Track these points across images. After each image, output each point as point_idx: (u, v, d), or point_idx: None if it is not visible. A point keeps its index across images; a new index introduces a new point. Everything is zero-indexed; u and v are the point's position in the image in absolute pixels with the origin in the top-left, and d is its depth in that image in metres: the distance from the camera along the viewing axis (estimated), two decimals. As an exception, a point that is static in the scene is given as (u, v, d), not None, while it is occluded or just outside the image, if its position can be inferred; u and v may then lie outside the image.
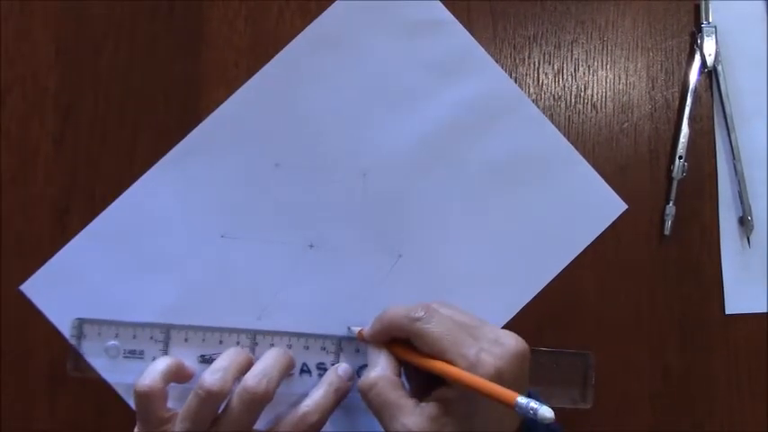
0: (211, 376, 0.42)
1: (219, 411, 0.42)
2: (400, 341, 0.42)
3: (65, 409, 0.48)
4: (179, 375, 0.45)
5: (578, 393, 0.47)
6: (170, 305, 0.47)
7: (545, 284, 0.48)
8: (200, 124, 0.48)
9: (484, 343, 0.39)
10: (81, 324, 0.46)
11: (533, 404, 0.35)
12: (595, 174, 0.49)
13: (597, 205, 0.49)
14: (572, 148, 0.49)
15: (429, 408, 0.39)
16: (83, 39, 0.48)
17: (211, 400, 0.41)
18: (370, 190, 0.48)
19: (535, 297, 0.48)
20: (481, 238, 0.48)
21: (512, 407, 0.36)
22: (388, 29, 0.49)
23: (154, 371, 0.43)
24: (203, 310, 0.47)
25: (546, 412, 0.35)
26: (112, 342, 0.46)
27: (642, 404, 0.49)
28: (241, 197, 0.48)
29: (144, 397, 0.42)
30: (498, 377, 0.38)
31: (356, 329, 0.45)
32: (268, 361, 0.43)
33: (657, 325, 0.49)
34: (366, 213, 0.48)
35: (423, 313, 0.41)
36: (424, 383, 0.41)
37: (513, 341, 0.39)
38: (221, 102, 0.48)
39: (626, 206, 0.49)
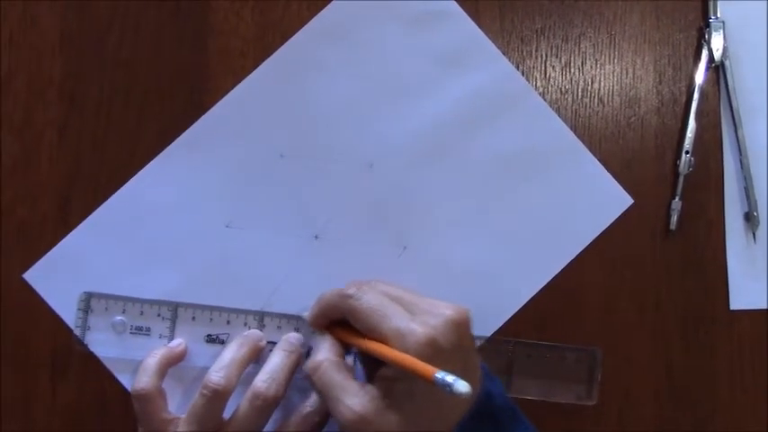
0: (216, 374, 0.41)
1: (229, 416, 0.42)
2: (341, 323, 0.42)
3: (66, 399, 0.47)
4: (172, 361, 0.45)
5: (584, 390, 0.47)
6: (173, 295, 0.46)
7: (550, 279, 0.48)
8: (206, 114, 0.48)
9: (418, 314, 0.39)
10: (89, 298, 0.46)
11: (449, 378, 0.34)
12: (602, 168, 0.49)
13: (603, 199, 0.49)
14: (578, 141, 0.49)
15: (374, 388, 0.39)
16: (88, 27, 0.48)
17: (218, 399, 0.41)
18: (375, 181, 0.48)
19: (539, 291, 0.48)
20: (486, 230, 0.48)
21: (431, 382, 0.35)
22: (396, 20, 0.48)
23: (147, 369, 0.43)
24: (207, 300, 0.46)
25: (461, 387, 0.34)
26: (119, 317, 0.46)
27: (646, 399, 0.49)
28: (246, 187, 0.48)
29: (142, 399, 0.42)
30: (431, 346, 0.37)
31: (306, 314, 0.45)
32: (276, 361, 0.43)
33: (662, 320, 0.49)
34: (371, 205, 0.48)
35: (354, 290, 0.41)
36: (375, 365, 0.41)
37: (448, 310, 0.39)
38: (227, 91, 0.48)
39: (632, 201, 0.49)
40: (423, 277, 0.47)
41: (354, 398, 0.38)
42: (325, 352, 0.41)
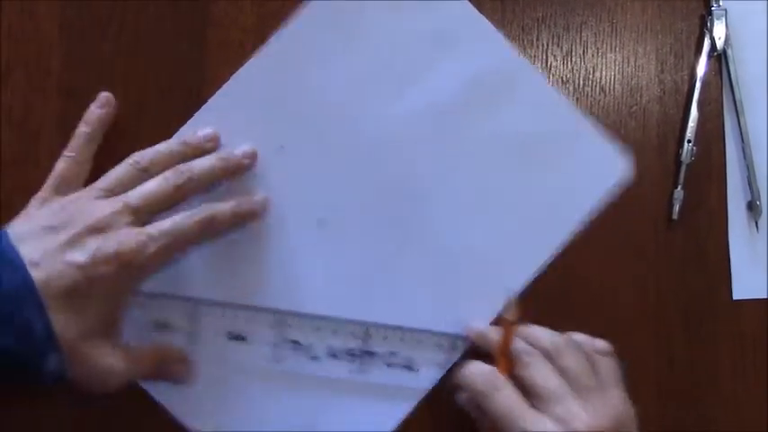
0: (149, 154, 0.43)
1: None
2: None
3: (66, 391, 0.47)
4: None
5: None
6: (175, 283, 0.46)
7: (553, 252, 0.48)
8: (205, 104, 0.47)
9: (548, 424, 0.40)
10: None
11: None
12: (599, 134, 0.48)
13: (600, 165, 0.48)
14: (574, 109, 0.48)
15: None
16: (87, 19, 0.48)
17: (140, 167, 0.42)
18: (376, 168, 0.48)
19: (539, 282, 0.48)
20: (490, 212, 0.48)
21: None
22: (394, 5, 0.48)
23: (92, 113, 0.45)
24: (207, 293, 0.46)
25: None
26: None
27: (648, 390, 0.49)
28: (248, 177, 0.47)
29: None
30: None
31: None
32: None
33: (664, 310, 0.49)
34: (374, 191, 0.48)
35: (486, 387, 0.41)
36: None
37: (581, 423, 0.40)
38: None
39: (631, 165, 0.48)
40: (427, 262, 0.47)
41: None
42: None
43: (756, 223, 0.50)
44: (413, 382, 0.46)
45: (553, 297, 0.48)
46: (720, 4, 0.49)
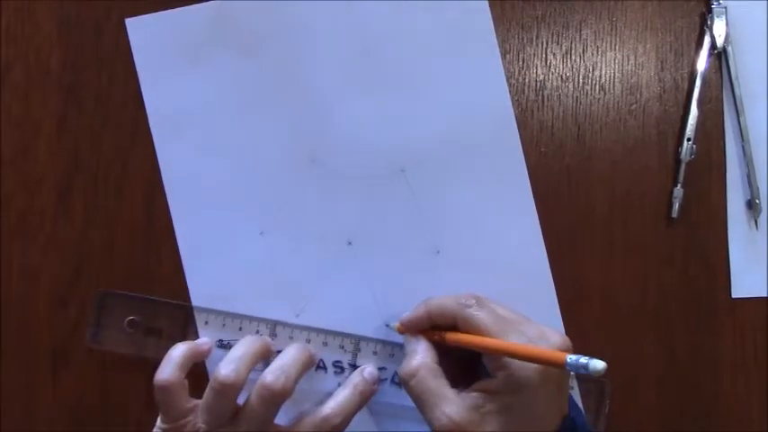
0: (225, 368, 0.41)
1: (240, 404, 0.42)
2: (440, 329, 0.42)
3: (68, 390, 0.47)
4: (197, 357, 0.45)
5: (591, 419, 0.47)
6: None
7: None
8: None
9: (530, 337, 0.40)
10: (104, 296, 0.46)
11: (583, 359, 0.35)
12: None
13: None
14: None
15: (470, 397, 0.39)
16: (85, 17, 0.48)
17: (227, 392, 0.41)
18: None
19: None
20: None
21: (562, 366, 0.36)
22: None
23: (170, 362, 0.43)
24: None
25: (597, 365, 0.34)
26: (133, 317, 0.46)
27: (649, 387, 0.49)
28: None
29: (164, 390, 0.42)
30: (545, 371, 0.38)
31: (395, 324, 0.44)
32: (287, 357, 0.43)
33: (664, 308, 0.49)
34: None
35: (473, 301, 0.41)
36: (459, 377, 0.41)
37: (558, 338, 0.40)
38: (226, 81, 0.47)
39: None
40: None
41: (453, 405, 0.39)
42: (421, 357, 0.41)
43: (756, 221, 0.49)
44: (399, 398, 0.46)
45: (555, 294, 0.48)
46: (720, 1, 0.49)
